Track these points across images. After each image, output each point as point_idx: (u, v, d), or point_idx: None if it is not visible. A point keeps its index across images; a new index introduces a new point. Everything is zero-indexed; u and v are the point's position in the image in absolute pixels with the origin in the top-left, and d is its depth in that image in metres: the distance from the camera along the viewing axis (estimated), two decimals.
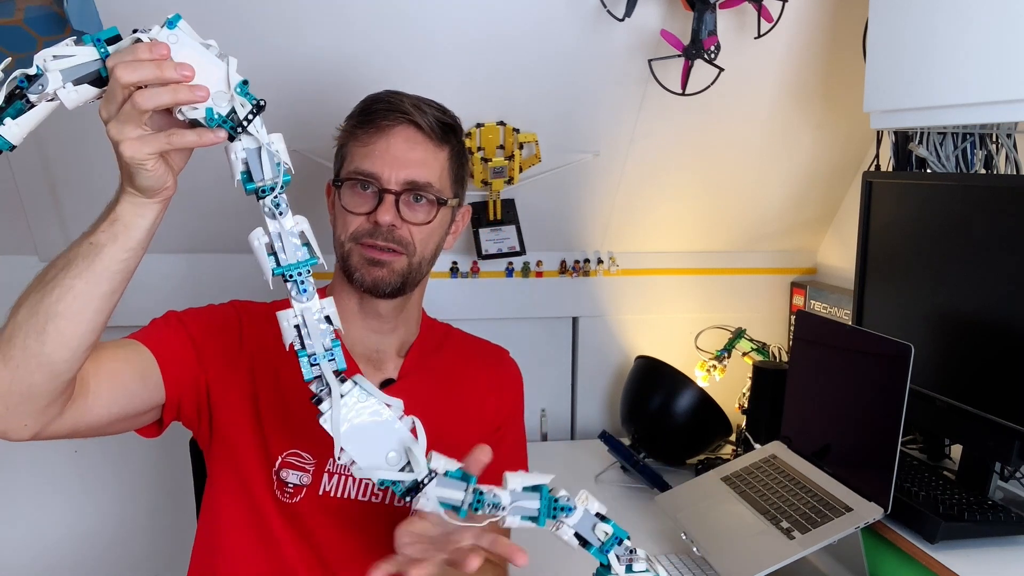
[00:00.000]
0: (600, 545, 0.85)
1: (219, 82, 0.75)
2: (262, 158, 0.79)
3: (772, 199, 1.90)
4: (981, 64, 1.19)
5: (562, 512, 0.84)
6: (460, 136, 1.12)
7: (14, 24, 1.15)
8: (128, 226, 0.79)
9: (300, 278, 0.79)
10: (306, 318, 0.79)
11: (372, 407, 0.80)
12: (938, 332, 1.38)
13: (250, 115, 0.77)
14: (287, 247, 0.79)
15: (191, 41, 0.74)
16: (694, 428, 1.70)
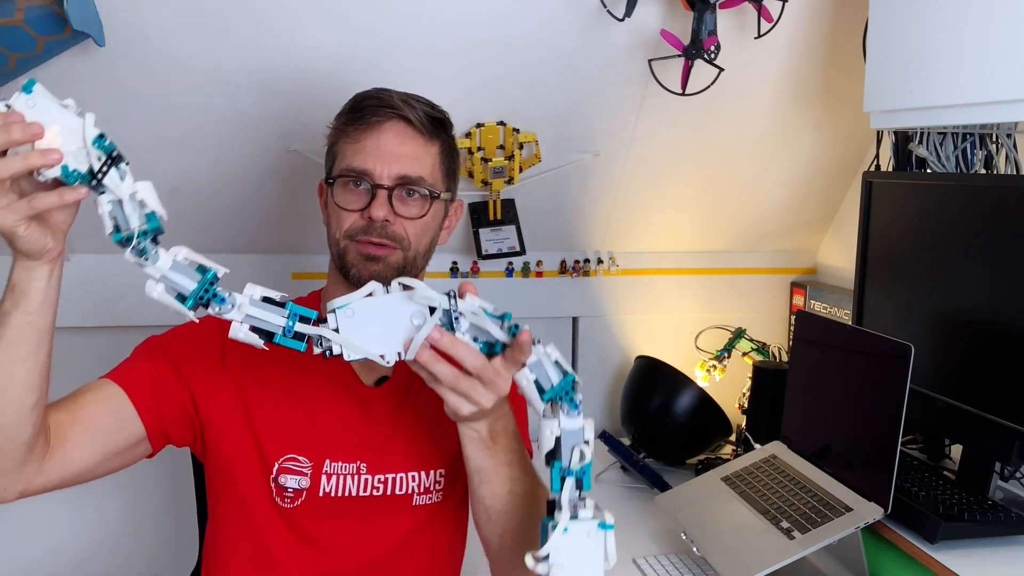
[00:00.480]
0: (566, 467, 0.82)
1: (77, 139, 0.77)
2: (125, 209, 0.81)
3: (772, 199, 1.90)
4: (981, 64, 1.19)
5: (568, 403, 0.82)
6: (450, 131, 1.11)
7: (14, 24, 1.15)
8: (25, 290, 0.81)
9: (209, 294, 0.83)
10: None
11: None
12: (938, 332, 1.38)
13: (104, 167, 0.78)
14: (177, 283, 0.83)
15: (47, 103, 0.76)
16: (694, 428, 1.70)
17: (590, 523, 0.81)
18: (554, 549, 0.79)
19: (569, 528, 0.80)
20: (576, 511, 0.81)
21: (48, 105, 0.76)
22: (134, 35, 1.29)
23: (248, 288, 0.83)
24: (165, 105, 1.40)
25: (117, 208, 0.80)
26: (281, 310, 0.83)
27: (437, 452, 1.10)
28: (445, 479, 1.11)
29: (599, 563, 0.81)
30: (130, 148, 1.50)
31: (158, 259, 0.81)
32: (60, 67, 1.29)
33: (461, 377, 0.84)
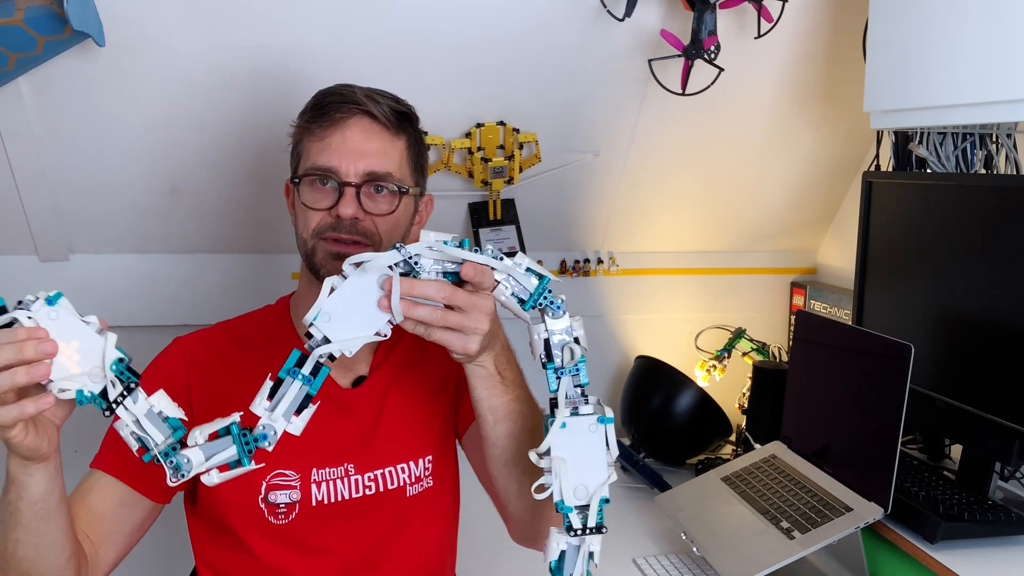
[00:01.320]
0: (559, 366, 0.84)
1: (95, 358, 0.78)
2: (144, 426, 0.80)
3: (772, 199, 1.90)
4: (981, 64, 1.19)
5: (550, 306, 0.83)
6: (416, 125, 1.09)
7: (14, 24, 1.15)
8: (24, 485, 0.82)
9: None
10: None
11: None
12: (938, 332, 1.38)
13: (120, 397, 0.78)
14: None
15: (69, 317, 0.77)
16: (694, 428, 1.70)
17: (590, 418, 0.82)
18: (554, 444, 0.82)
19: (568, 423, 0.82)
20: (577, 408, 0.83)
21: (70, 320, 0.77)
22: (134, 35, 1.29)
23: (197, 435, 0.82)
24: (165, 105, 1.40)
25: (137, 427, 0.80)
26: (292, 384, 0.82)
27: (422, 440, 1.10)
28: (433, 464, 1.11)
29: (601, 456, 0.83)
30: (130, 148, 1.51)
31: (189, 464, 0.80)
32: (60, 67, 1.30)
33: (445, 313, 0.82)
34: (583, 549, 0.84)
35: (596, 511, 0.83)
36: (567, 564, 0.84)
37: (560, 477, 0.82)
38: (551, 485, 0.82)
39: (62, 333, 0.76)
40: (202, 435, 0.81)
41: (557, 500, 0.82)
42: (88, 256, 1.59)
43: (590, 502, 0.83)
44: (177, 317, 1.62)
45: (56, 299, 0.77)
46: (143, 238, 1.60)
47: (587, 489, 0.83)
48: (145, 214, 1.55)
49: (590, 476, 0.83)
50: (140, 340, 1.64)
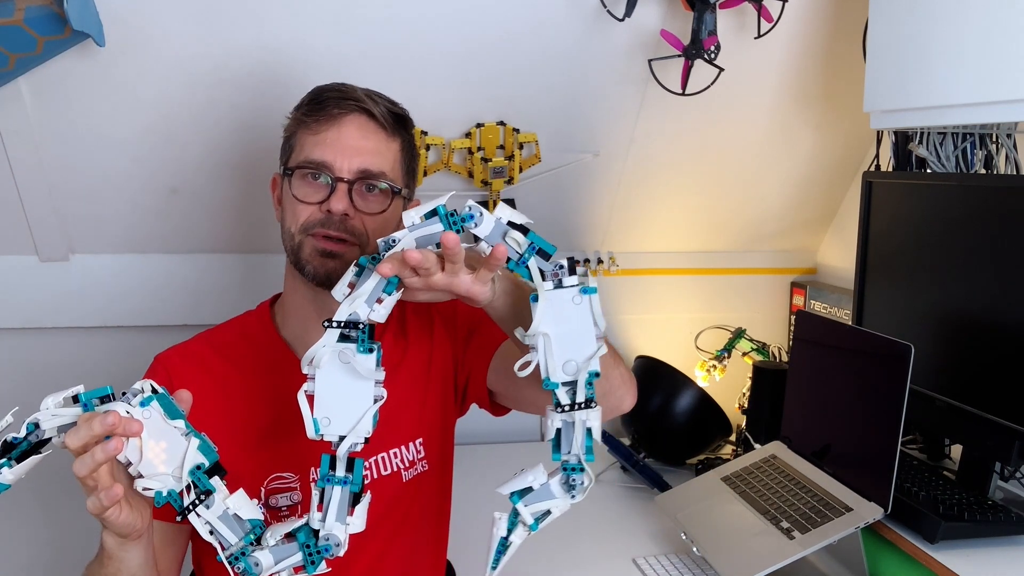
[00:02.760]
0: (517, 258, 0.80)
1: (177, 460, 0.80)
2: (219, 529, 0.82)
3: (772, 199, 1.90)
4: (981, 64, 1.19)
5: (464, 222, 0.80)
6: (411, 129, 1.09)
7: (14, 24, 1.15)
8: (122, 559, 0.84)
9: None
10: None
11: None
12: (938, 332, 1.38)
13: (193, 503, 0.81)
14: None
15: (160, 420, 0.80)
16: (694, 428, 1.70)
17: (572, 289, 0.80)
18: (538, 319, 0.79)
19: (547, 295, 0.79)
20: (560, 280, 0.80)
21: (160, 421, 0.80)
22: (134, 35, 1.29)
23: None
24: (165, 105, 1.40)
25: (216, 527, 0.82)
26: (333, 491, 0.83)
27: (412, 424, 1.10)
28: (425, 447, 1.11)
29: (588, 327, 0.80)
30: (130, 148, 1.51)
31: (259, 567, 0.82)
32: (60, 67, 1.30)
33: (437, 274, 0.80)
34: (578, 425, 0.81)
35: (584, 385, 0.80)
36: (563, 443, 0.82)
37: (544, 352, 0.79)
38: (533, 361, 0.79)
39: (153, 431, 0.80)
40: (274, 536, 0.82)
41: (544, 377, 0.80)
42: (88, 256, 1.59)
43: (577, 377, 0.80)
44: (177, 317, 1.63)
45: (149, 401, 0.80)
46: (143, 238, 1.60)
47: (574, 364, 0.80)
48: (145, 214, 1.55)
49: (578, 350, 0.80)
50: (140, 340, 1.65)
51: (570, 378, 0.80)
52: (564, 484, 0.81)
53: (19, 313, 1.59)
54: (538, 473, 0.82)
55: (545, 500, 0.81)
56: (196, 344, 1.11)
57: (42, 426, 0.79)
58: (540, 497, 0.81)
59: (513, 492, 0.81)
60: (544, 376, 0.80)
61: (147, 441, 0.79)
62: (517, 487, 0.81)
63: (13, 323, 1.60)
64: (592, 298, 0.80)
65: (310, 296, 1.07)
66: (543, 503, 0.81)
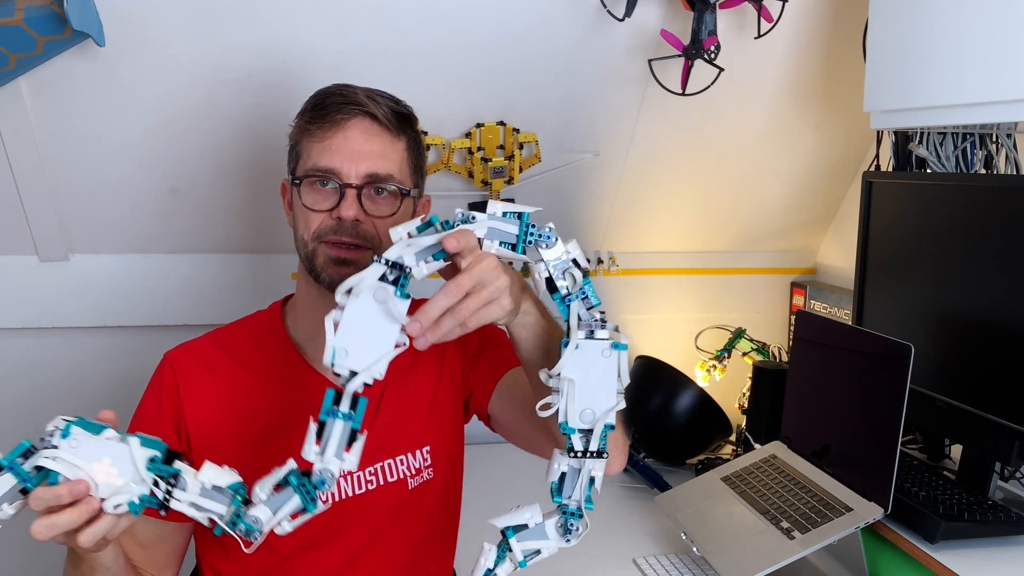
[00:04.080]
0: (566, 294, 0.83)
1: (129, 466, 0.79)
2: (203, 504, 0.81)
3: (772, 199, 1.90)
4: (981, 64, 1.19)
5: (539, 239, 0.82)
6: (416, 126, 1.09)
7: (14, 24, 1.15)
8: (95, 558, 0.84)
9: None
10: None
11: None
12: (938, 332, 1.38)
13: (167, 493, 0.80)
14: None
15: (88, 440, 0.78)
16: (694, 428, 1.70)
17: (604, 343, 0.82)
18: (565, 365, 0.81)
19: (581, 345, 0.82)
20: (593, 331, 0.83)
21: (89, 442, 0.78)
22: (134, 35, 1.29)
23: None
24: (165, 105, 1.40)
25: (197, 508, 0.81)
26: (335, 424, 0.82)
27: (419, 431, 1.10)
28: (432, 455, 1.11)
29: (612, 382, 0.82)
30: (130, 148, 1.51)
31: (259, 523, 0.81)
32: (60, 67, 1.30)
33: (464, 304, 0.80)
34: (583, 473, 0.82)
35: (599, 436, 0.82)
36: (566, 487, 0.83)
37: (567, 397, 0.81)
38: (556, 404, 0.81)
39: (90, 455, 0.78)
40: (263, 490, 0.81)
41: (561, 421, 0.81)
42: (88, 256, 1.59)
43: (594, 427, 0.82)
44: (177, 317, 1.63)
45: (68, 430, 0.78)
46: (143, 238, 1.60)
47: (593, 413, 0.82)
48: (145, 214, 1.55)
49: (598, 401, 0.82)
50: (140, 340, 1.65)
51: (586, 426, 0.82)
52: (561, 527, 0.83)
53: (19, 313, 1.59)
54: (535, 512, 0.83)
55: (538, 539, 0.83)
56: (204, 343, 1.11)
57: None
58: (534, 536, 0.83)
59: (508, 527, 0.82)
60: (562, 420, 0.81)
61: (90, 467, 0.77)
62: (512, 523, 0.82)
63: (13, 323, 1.60)
64: (621, 354, 0.83)
65: (323, 300, 1.06)
66: (536, 542, 0.83)
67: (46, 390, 1.65)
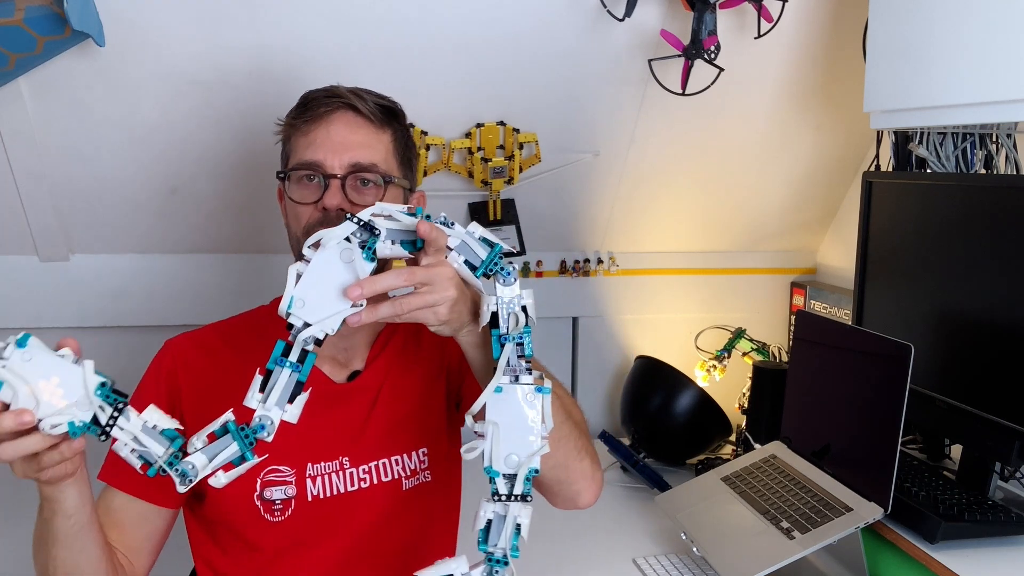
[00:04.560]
0: (503, 333, 0.84)
1: (78, 388, 0.77)
2: (142, 441, 0.80)
3: (772, 199, 1.90)
4: (981, 64, 1.19)
5: (500, 273, 0.84)
6: (403, 120, 1.10)
7: (14, 24, 1.15)
8: (56, 500, 0.83)
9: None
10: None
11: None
12: (938, 332, 1.38)
13: (112, 418, 0.78)
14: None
15: (43, 355, 0.76)
16: (694, 428, 1.70)
17: (527, 387, 0.83)
18: (489, 408, 0.82)
19: (504, 388, 0.82)
20: (518, 376, 0.83)
21: (44, 357, 0.76)
22: (134, 35, 1.29)
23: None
24: (165, 105, 1.40)
25: (136, 443, 0.80)
26: (281, 373, 0.82)
27: (416, 433, 1.10)
28: (429, 457, 1.11)
29: (536, 427, 0.83)
30: (130, 148, 1.51)
31: (195, 469, 0.81)
32: (60, 67, 1.30)
33: (408, 299, 0.82)
34: (509, 518, 0.82)
35: (523, 480, 0.82)
36: (492, 534, 0.83)
37: (492, 441, 0.82)
38: (479, 447, 0.82)
39: (40, 371, 0.76)
40: (199, 439, 0.81)
41: (486, 465, 0.82)
42: (88, 256, 1.59)
43: (518, 471, 0.82)
44: (177, 317, 1.62)
45: (25, 340, 0.76)
46: (143, 238, 1.60)
47: (518, 458, 0.82)
48: (145, 214, 1.55)
49: (522, 445, 0.82)
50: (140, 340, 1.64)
51: (511, 471, 0.82)
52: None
53: (19, 313, 1.59)
54: (461, 563, 0.83)
55: None
56: (205, 332, 1.12)
57: None
58: None
59: None
60: (487, 465, 0.82)
61: (37, 383, 0.75)
62: (437, 574, 0.83)
63: (13, 323, 1.59)
64: (545, 398, 0.83)
65: None
66: None
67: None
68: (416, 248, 0.84)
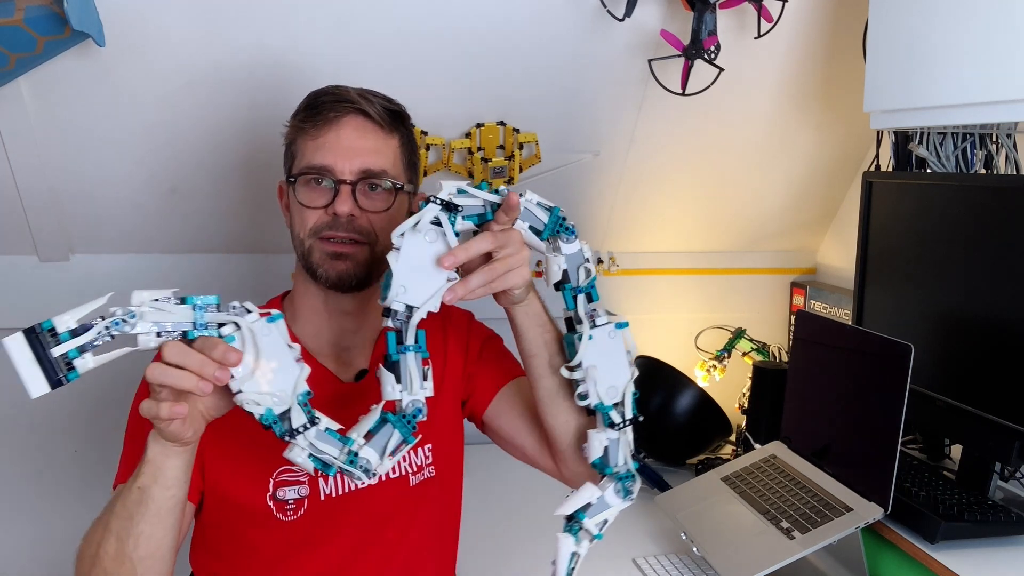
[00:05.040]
0: (575, 287, 0.93)
1: (285, 383, 0.82)
2: (320, 447, 0.85)
3: (772, 199, 1.90)
4: (981, 64, 1.19)
5: (565, 232, 0.92)
6: (408, 124, 1.10)
7: (14, 24, 1.15)
8: (160, 467, 0.84)
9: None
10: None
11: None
12: (938, 332, 1.38)
13: (303, 426, 0.83)
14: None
15: (279, 340, 0.82)
16: (694, 428, 1.70)
17: (608, 326, 0.93)
18: (584, 355, 0.91)
19: (593, 334, 0.92)
20: (594, 320, 0.93)
21: (278, 342, 0.82)
22: (134, 35, 1.29)
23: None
24: (165, 105, 1.40)
25: (313, 450, 0.84)
26: (407, 358, 0.88)
27: (422, 429, 1.10)
28: (433, 453, 1.11)
29: (623, 356, 0.94)
30: (130, 148, 1.51)
31: (369, 463, 0.87)
32: (60, 67, 1.30)
33: (494, 263, 0.88)
34: (623, 441, 0.93)
35: (631, 404, 0.93)
36: (611, 456, 0.93)
37: (594, 381, 0.91)
38: (587, 392, 0.91)
39: (266, 351, 0.81)
40: (359, 435, 0.85)
41: (596, 403, 0.91)
42: (88, 256, 1.59)
43: (623, 399, 0.92)
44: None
45: (276, 318, 0.82)
46: (143, 238, 1.60)
47: (616, 388, 0.93)
48: (145, 214, 1.55)
49: (617, 376, 0.93)
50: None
51: (616, 400, 0.93)
52: (620, 492, 0.92)
53: (19, 313, 1.58)
54: (591, 490, 0.91)
55: (604, 510, 0.91)
56: None
57: (141, 322, 0.78)
58: (599, 509, 0.91)
59: (577, 510, 0.90)
60: (597, 402, 0.92)
61: (261, 360, 0.80)
62: (579, 505, 0.90)
63: (13, 323, 1.58)
64: (625, 332, 0.94)
65: (321, 298, 1.09)
66: (603, 513, 0.91)
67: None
68: (485, 220, 0.89)
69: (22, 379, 0.75)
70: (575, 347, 0.92)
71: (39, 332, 0.75)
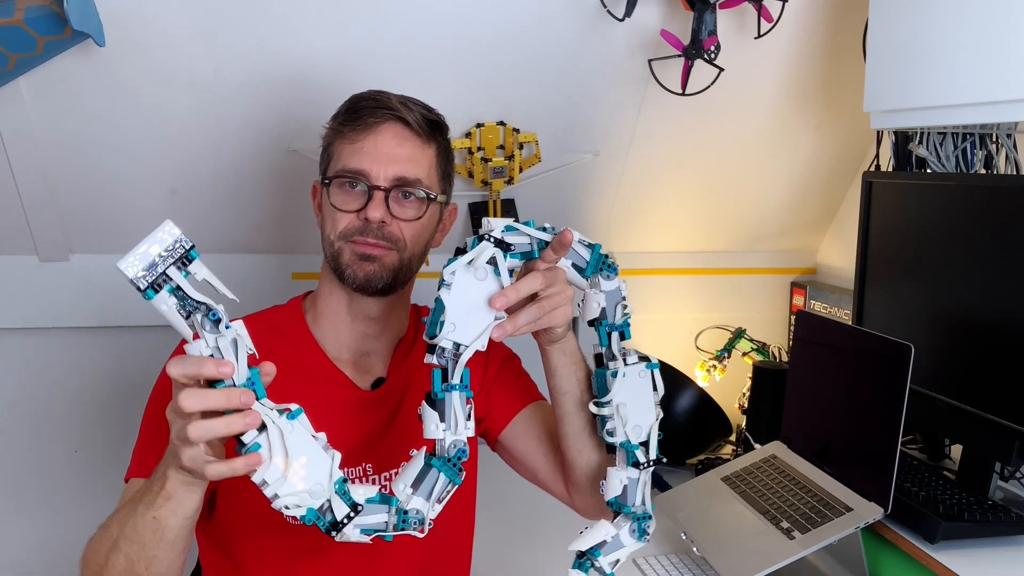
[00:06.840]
0: (612, 323, 0.94)
1: (319, 475, 0.79)
2: (369, 523, 0.84)
3: (772, 199, 1.90)
4: (981, 64, 1.19)
5: (607, 269, 0.93)
6: (446, 135, 1.11)
7: (14, 24, 1.15)
8: (183, 501, 0.83)
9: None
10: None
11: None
12: (938, 332, 1.38)
13: (346, 519, 0.81)
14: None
15: (304, 432, 0.79)
16: (694, 428, 1.70)
17: (638, 365, 0.95)
18: (616, 393, 0.93)
19: (626, 372, 0.94)
20: (625, 358, 0.94)
21: (304, 435, 0.79)
22: (134, 35, 1.29)
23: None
24: (165, 105, 1.40)
25: (363, 526, 0.83)
26: (452, 396, 0.87)
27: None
28: None
29: (651, 396, 0.96)
30: (130, 148, 1.51)
31: (420, 513, 0.86)
32: (60, 67, 1.30)
33: (542, 300, 0.89)
34: (642, 480, 0.94)
35: (655, 446, 0.95)
36: (630, 495, 0.94)
37: (621, 420, 0.93)
38: (615, 429, 0.93)
39: (294, 448, 0.77)
40: (405, 485, 0.85)
41: (623, 440, 0.93)
42: (88, 256, 1.59)
43: (648, 439, 0.94)
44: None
45: (297, 414, 0.79)
46: (143, 238, 1.59)
47: (641, 428, 0.94)
48: (145, 214, 1.55)
49: (643, 416, 0.95)
50: (140, 340, 1.65)
51: (641, 439, 0.94)
52: (635, 532, 0.94)
53: (19, 313, 1.59)
54: (607, 527, 0.92)
55: (618, 549, 0.93)
56: None
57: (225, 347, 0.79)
58: (613, 548, 0.92)
59: (592, 547, 0.91)
60: (624, 440, 0.94)
61: (291, 459, 0.77)
62: (594, 542, 0.91)
63: (13, 323, 1.60)
64: (655, 372, 0.96)
65: (346, 300, 1.09)
66: (616, 552, 0.93)
67: (46, 390, 1.65)
68: (532, 257, 0.90)
69: (136, 252, 0.82)
70: (606, 383, 0.93)
71: (185, 250, 0.84)
